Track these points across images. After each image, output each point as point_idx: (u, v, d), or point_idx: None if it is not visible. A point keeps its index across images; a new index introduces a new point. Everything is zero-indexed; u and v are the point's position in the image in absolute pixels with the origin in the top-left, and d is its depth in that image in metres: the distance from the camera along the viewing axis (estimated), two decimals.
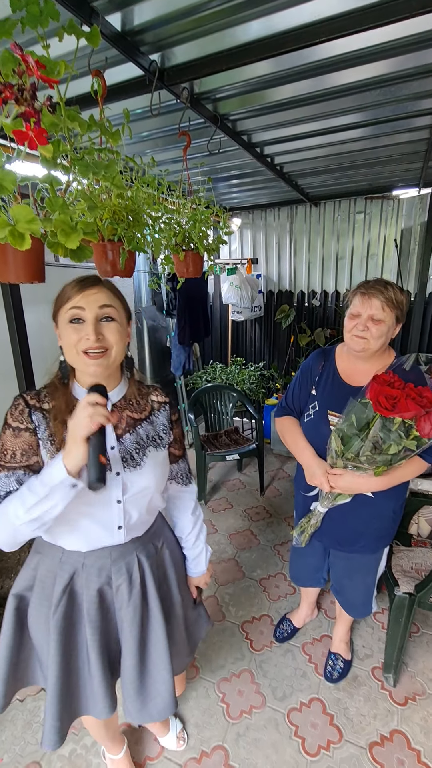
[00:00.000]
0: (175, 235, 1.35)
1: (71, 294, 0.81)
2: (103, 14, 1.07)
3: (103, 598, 0.94)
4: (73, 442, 0.73)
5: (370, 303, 1.16)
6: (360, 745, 1.43)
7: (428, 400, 0.95)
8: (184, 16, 1.10)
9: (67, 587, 0.92)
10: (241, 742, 1.44)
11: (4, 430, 0.84)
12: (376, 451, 1.04)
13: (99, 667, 0.94)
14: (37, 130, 0.55)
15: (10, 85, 0.52)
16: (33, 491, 0.76)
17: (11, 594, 0.96)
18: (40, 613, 0.94)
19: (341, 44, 1.23)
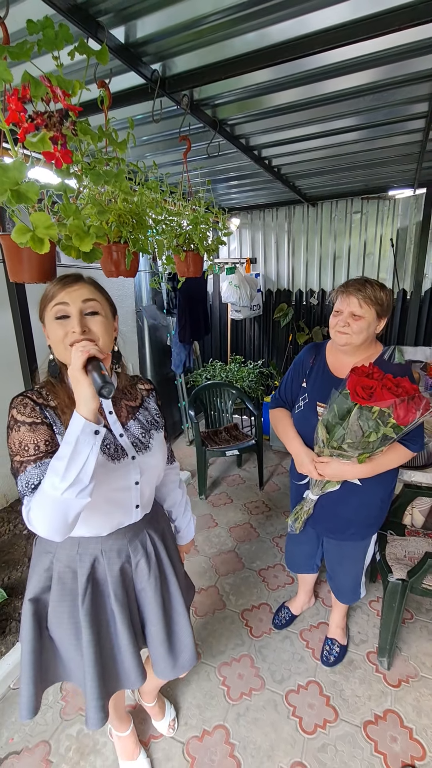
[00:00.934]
0: (177, 236, 1.41)
1: (55, 292, 0.84)
2: (108, 28, 1.13)
3: (124, 577, 1.01)
4: (75, 383, 0.73)
5: (348, 300, 1.24)
6: (355, 723, 1.49)
7: (404, 390, 1.02)
8: (184, 29, 1.16)
9: (90, 575, 0.96)
10: (241, 721, 1.51)
11: (17, 428, 0.83)
12: (358, 439, 1.11)
13: (128, 641, 1.01)
14: (63, 151, 0.61)
15: (41, 114, 0.57)
16: (60, 457, 0.74)
17: (27, 600, 0.97)
18: (62, 609, 0.97)
19: (335, 54, 1.29)
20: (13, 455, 0.83)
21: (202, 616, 1.97)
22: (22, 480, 0.80)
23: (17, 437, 0.82)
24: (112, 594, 0.99)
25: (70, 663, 1.03)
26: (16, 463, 0.82)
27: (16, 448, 0.82)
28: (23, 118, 0.57)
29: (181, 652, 1.12)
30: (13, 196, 0.59)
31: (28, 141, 0.61)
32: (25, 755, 1.41)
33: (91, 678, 0.97)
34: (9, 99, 0.57)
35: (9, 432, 0.84)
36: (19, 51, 0.67)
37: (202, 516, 2.77)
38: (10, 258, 0.84)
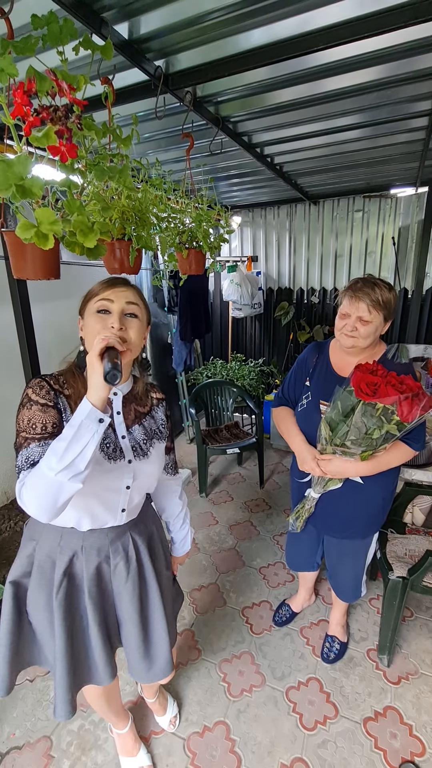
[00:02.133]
0: (179, 233, 1.41)
1: (102, 289, 0.89)
2: (111, 24, 1.13)
3: (101, 576, 1.01)
4: (90, 369, 0.76)
5: (357, 305, 1.23)
6: (355, 720, 1.50)
7: (408, 387, 1.02)
8: (188, 25, 1.16)
9: (68, 570, 0.97)
10: (241, 717, 1.52)
11: (30, 406, 0.85)
12: (361, 436, 1.11)
13: (99, 639, 1.01)
14: (68, 145, 0.61)
15: (47, 108, 0.58)
16: (61, 438, 0.74)
17: (8, 581, 1.00)
18: (39, 597, 0.98)
19: (338, 51, 1.29)
20: (19, 431, 0.84)
21: (203, 613, 1.97)
22: (23, 455, 0.82)
23: (27, 414, 0.85)
24: (86, 591, 0.99)
25: (45, 648, 1.04)
26: (20, 439, 0.84)
27: (24, 424, 0.84)
28: (28, 112, 0.57)
29: (156, 660, 1.10)
30: (17, 191, 0.59)
31: (33, 136, 0.61)
32: (27, 750, 1.42)
33: (60, 668, 0.98)
34: (14, 93, 0.57)
35: (20, 409, 0.86)
36: (24, 46, 0.67)
37: (203, 514, 2.78)
38: (13, 254, 0.84)
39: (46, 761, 1.39)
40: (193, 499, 2.95)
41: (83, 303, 0.93)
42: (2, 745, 1.44)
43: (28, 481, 0.77)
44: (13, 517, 2.53)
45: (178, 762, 1.39)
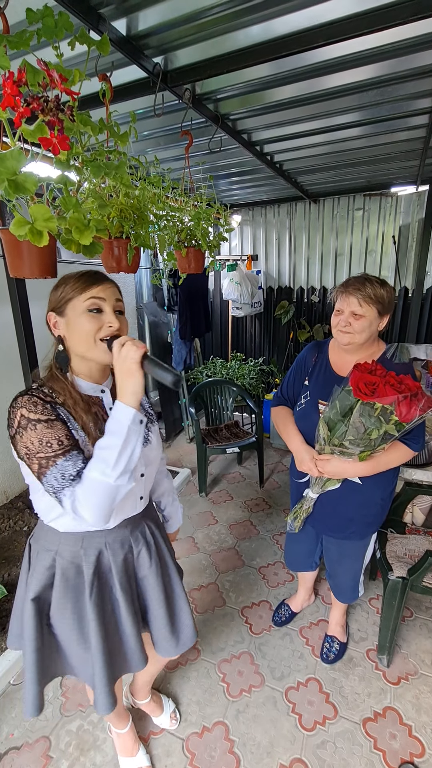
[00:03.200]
0: (178, 232, 1.40)
1: (87, 285, 0.86)
2: (109, 20, 1.11)
3: (127, 567, 1.04)
4: (128, 376, 0.79)
5: (348, 300, 1.23)
6: (354, 720, 1.49)
7: (407, 387, 1.01)
8: (187, 21, 1.15)
9: (96, 569, 0.98)
10: (240, 718, 1.51)
11: (33, 426, 0.80)
12: (359, 436, 1.10)
13: (132, 627, 1.05)
14: (60, 137, 0.60)
15: (37, 97, 0.57)
16: (109, 446, 0.77)
17: (29, 600, 0.97)
18: (65, 605, 0.98)
19: (338, 48, 1.27)
20: (33, 453, 0.80)
21: (202, 612, 1.97)
22: (54, 474, 0.79)
23: (35, 435, 0.80)
24: (117, 583, 1.01)
25: (72, 658, 1.04)
26: (40, 461, 0.80)
27: (38, 446, 0.80)
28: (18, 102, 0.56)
29: (182, 631, 1.17)
30: (10, 187, 0.58)
31: (25, 129, 0.60)
32: (25, 750, 1.42)
33: (99, 666, 1.00)
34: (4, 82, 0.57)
35: (22, 432, 0.80)
36: (19, 40, 0.66)
37: (202, 513, 2.77)
38: (9, 252, 0.83)
39: (45, 761, 1.38)
40: (193, 499, 2.94)
41: (63, 300, 0.87)
42: (1, 745, 1.44)
43: (80, 494, 0.77)
44: (12, 516, 2.52)
45: (177, 762, 1.38)
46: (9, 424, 0.84)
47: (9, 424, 0.84)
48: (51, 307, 0.90)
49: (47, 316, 0.90)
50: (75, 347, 0.89)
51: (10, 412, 0.84)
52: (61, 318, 0.89)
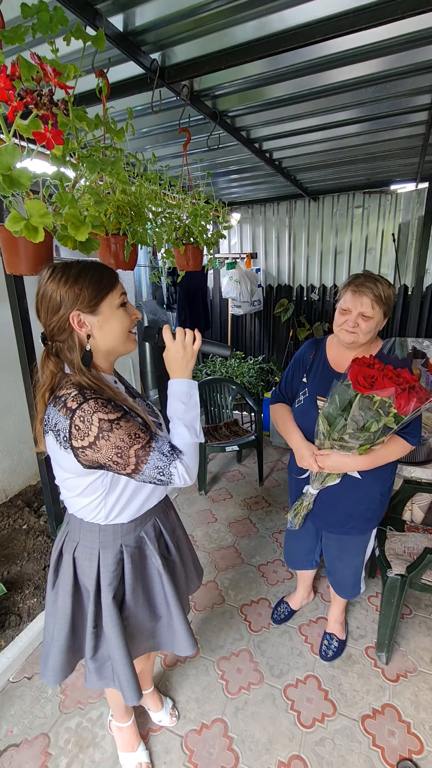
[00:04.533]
0: (176, 229, 1.40)
1: (115, 280, 0.89)
2: (106, 16, 1.11)
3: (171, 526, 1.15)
4: (192, 358, 0.96)
5: (360, 300, 1.21)
6: (353, 717, 1.50)
7: (405, 380, 1.02)
8: (184, 17, 1.14)
9: (157, 540, 1.08)
10: (239, 715, 1.51)
11: (117, 425, 0.82)
12: (359, 429, 1.10)
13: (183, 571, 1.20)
14: (54, 131, 0.60)
15: (31, 92, 0.56)
16: (191, 415, 0.94)
17: (111, 600, 1.00)
18: (138, 588, 1.05)
19: (336, 43, 1.27)
20: (127, 449, 0.83)
21: (202, 610, 1.97)
22: (157, 456, 0.86)
23: (123, 432, 0.83)
24: (170, 543, 1.13)
25: (145, 634, 1.12)
26: (137, 452, 0.84)
27: (128, 440, 0.83)
28: (12, 96, 0.56)
29: (197, 567, 1.33)
30: (5, 182, 0.58)
31: (20, 124, 0.60)
32: (24, 747, 1.42)
33: (177, 614, 1.10)
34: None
35: (107, 435, 0.81)
36: (13, 35, 0.66)
37: (202, 511, 2.77)
38: (6, 249, 0.83)
39: (44, 759, 1.39)
40: (193, 497, 2.95)
41: (101, 296, 0.85)
42: (0, 742, 1.44)
43: (188, 461, 0.90)
44: (12, 514, 2.52)
45: (176, 759, 1.39)
46: (79, 435, 0.81)
47: (80, 435, 0.80)
48: (78, 307, 0.83)
49: (70, 316, 0.83)
50: (107, 343, 0.89)
51: (76, 425, 0.80)
52: (92, 316, 0.85)
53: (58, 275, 0.82)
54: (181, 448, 0.91)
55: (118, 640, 1.01)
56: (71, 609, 1.04)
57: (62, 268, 0.82)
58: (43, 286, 0.83)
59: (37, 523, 2.46)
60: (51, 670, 1.07)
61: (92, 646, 1.05)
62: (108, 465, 0.85)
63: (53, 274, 0.82)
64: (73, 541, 1.03)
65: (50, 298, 0.82)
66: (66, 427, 0.81)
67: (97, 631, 1.04)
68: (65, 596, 1.03)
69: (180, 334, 0.94)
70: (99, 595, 1.01)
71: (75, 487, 0.92)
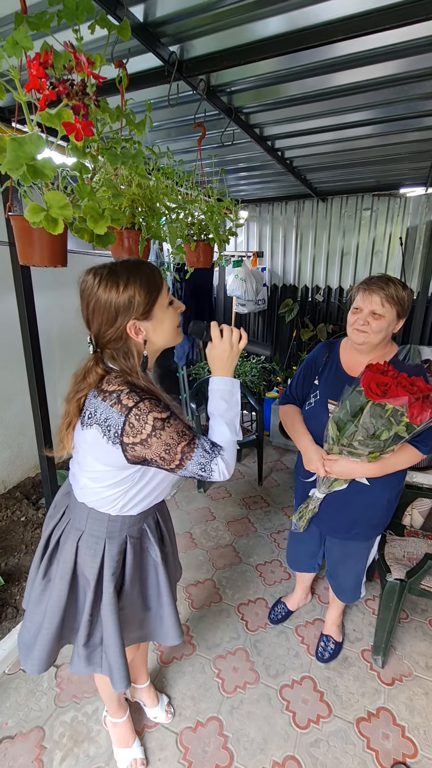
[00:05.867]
0: (189, 225, 1.39)
1: (162, 280, 0.90)
2: (127, 5, 1.09)
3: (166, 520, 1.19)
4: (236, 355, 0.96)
5: (371, 299, 1.21)
6: (348, 720, 1.50)
7: (419, 389, 1.01)
8: (204, 10, 1.12)
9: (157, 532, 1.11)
10: (234, 714, 1.51)
11: (168, 422, 0.85)
12: (369, 437, 1.10)
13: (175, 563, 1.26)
14: (84, 122, 0.58)
15: (63, 81, 0.55)
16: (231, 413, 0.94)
17: (112, 590, 1.01)
18: (135, 578, 1.07)
19: (357, 43, 1.25)
20: (175, 445, 0.86)
21: (198, 608, 1.97)
22: (200, 452, 0.88)
23: (173, 429, 0.85)
24: (167, 534, 1.17)
25: (135, 625, 1.14)
26: (184, 449, 0.87)
27: (177, 438, 0.86)
28: (44, 85, 0.54)
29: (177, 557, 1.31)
30: (29, 172, 0.57)
31: (46, 114, 0.59)
32: (19, 740, 1.42)
33: (168, 604, 1.12)
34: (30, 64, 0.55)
35: (159, 433, 0.84)
36: (39, 21, 0.64)
37: (201, 509, 2.77)
38: (20, 239, 0.82)
39: (38, 752, 1.39)
40: (192, 495, 2.94)
41: (154, 298, 0.86)
42: None
43: (228, 458, 0.91)
44: (10, 506, 2.52)
45: (171, 756, 1.39)
46: (132, 432, 0.83)
47: (133, 432, 0.83)
48: (135, 316, 0.85)
49: (127, 327, 0.85)
50: (160, 342, 0.93)
51: (130, 422, 0.82)
52: (147, 322, 0.88)
53: (106, 282, 0.81)
54: (222, 445, 0.93)
55: (114, 629, 1.02)
56: (67, 598, 1.03)
57: (109, 274, 0.82)
58: (94, 294, 0.82)
59: (35, 516, 2.45)
60: (37, 660, 1.06)
61: (86, 634, 1.05)
62: (154, 460, 0.87)
63: (101, 281, 0.81)
64: (77, 530, 1.02)
65: (104, 309, 0.83)
66: (120, 423, 0.82)
67: (92, 619, 1.04)
68: (62, 585, 1.03)
69: (227, 331, 0.95)
70: (99, 585, 1.01)
71: (105, 479, 0.92)
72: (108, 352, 0.90)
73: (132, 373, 0.88)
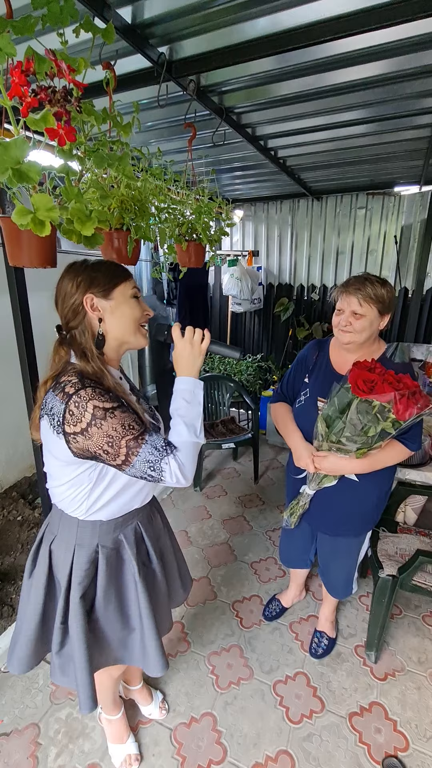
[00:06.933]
0: (179, 225, 1.39)
1: (129, 274, 0.92)
2: (114, 7, 1.10)
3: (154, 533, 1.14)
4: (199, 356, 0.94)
5: (349, 300, 1.24)
6: (341, 714, 1.52)
7: (405, 385, 1.02)
8: (193, 11, 1.13)
9: (136, 545, 1.06)
10: (228, 709, 1.53)
11: (111, 414, 0.82)
12: (357, 433, 1.11)
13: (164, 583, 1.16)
14: (66, 128, 0.59)
15: (45, 88, 0.56)
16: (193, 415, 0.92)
17: (78, 598, 0.98)
18: (110, 592, 1.02)
19: (345, 43, 1.26)
20: (119, 439, 0.82)
21: (193, 606, 1.98)
22: (149, 449, 0.85)
23: (116, 421, 0.82)
24: (153, 553, 1.11)
25: (114, 644, 1.09)
26: (129, 443, 0.83)
27: (122, 431, 0.83)
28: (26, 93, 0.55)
29: (184, 580, 1.32)
30: (14, 176, 0.57)
31: (30, 119, 0.59)
32: (14, 737, 1.43)
33: (149, 628, 1.06)
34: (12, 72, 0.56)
35: (100, 423, 0.81)
36: (23, 26, 0.65)
37: (196, 507, 2.78)
38: (9, 241, 0.83)
39: (34, 748, 1.40)
40: (187, 493, 2.96)
41: (113, 284, 0.89)
42: None
43: (183, 459, 0.88)
44: (6, 506, 2.53)
45: (165, 751, 1.40)
46: (72, 420, 0.81)
47: (73, 421, 0.81)
48: (93, 289, 0.87)
49: (84, 298, 0.87)
50: (117, 331, 0.92)
51: (70, 410, 0.81)
52: (105, 301, 0.89)
53: (76, 265, 0.90)
54: (177, 445, 0.89)
55: (80, 643, 0.99)
56: (43, 600, 1.03)
57: (80, 262, 0.91)
58: (65, 276, 0.90)
59: (31, 515, 2.46)
60: (17, 659, 1.06)
61: (59, 641, 1.04)
62: (98, 454, 0.84)
63: (73, 266, 0.90)
64: (51, 534, 1.03)
65: (68, 283, 0.89)
66: (60, 411, 0.82)
67: (64, 627, 1.03)
68: (39, 587, 1.03)
69: (189, 332, 0.94)
70: (68, 592, 1.00)
71: (62, 476, 0.92)
72: (71, 333, 0.92)
73: (86, 351, 0.88)
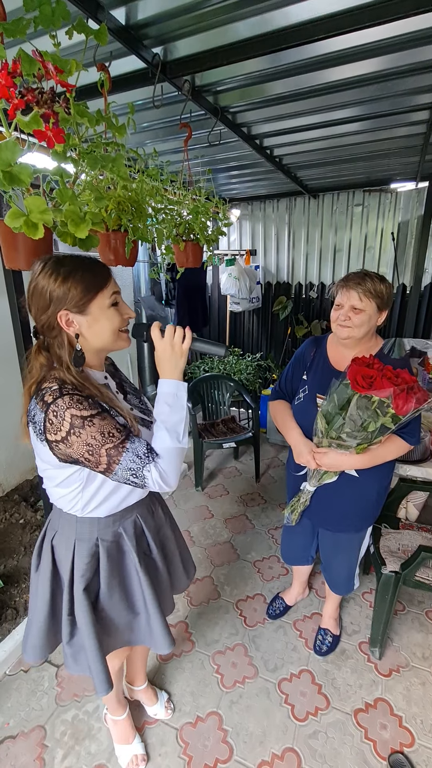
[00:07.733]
0: (176, 225, 1.39)
1: (105, 279, 0.85)
2: (108, 9, 1.10)
3: (155, 524, 1.14)
4: (181, 356, 0.90)
5: (349, 294, 1.25)
6: (346, 711, 1.52)
7: (403, 380, 1.02)
8: (186, 11, 1.14)
9: (135, 537, 1.06)
10: (234, 708, 1.53)
11: (90, 422, 0.81)
12: (356, 429, 1.11)
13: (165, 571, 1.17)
14: (55, 129, 0.59)
15: (32, 89, 0.56)
16: (177, 420, 0.88)
17: (81, 591, 0.99)
18: (113, 584, 1.04)
19: (339, 41, 1.27)
20: (98, 447, 0.81)
21: (197, 605, 1.98)
22: (130, 457, 0.84)
23: (95, 429, 0.81)
24: (153, 544, 1.11)
25: (122, 627, 1.11)
26: (109, 451, 0.82)
27: (101, 438, 0.82)
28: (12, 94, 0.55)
29: (187, 567, 1.34)
30: (5, 178, 0.58)
31: (20, 120, 0.60)
32: (21, 739, 1.43)
33: (154, 611, 1.08)
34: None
35: (78, 432, 0.80)
36: (15, 28, 0.65)
37: (198, 507, 2.78)
38: (5, 244, 0.83)
39: (40, 750, 1.40)
40: (189, 493, 2.96)
41: (90, 296, 0.83)
42: None
43: (164, 465, 0.86)
44: (8, 509, 2.53)
45: (171, 751, 1.40)
46: (52, 429, 0.81)
47: (53, 429, 0.81)
48: (66, 306, 0.82)
49: (57, 316, 0.82)
50: (97, 342, 0.89)
51: (49, 419, 0.81)
52: (81, 316, 0.84)
53: (48, 271, 0.81)
54: (159, 452, 0.87)
55: (89, 631, 1.01)
56: (50, 593, 1.05)
57: (54, 264, 0.81)
58: (34, 280, 0.82)
59: (33, 518, 2.46)
60: (31, 648, 1.09)
61: (68, 632, 1.05)
62: (81, 461, 0.84)
63: (44, 269, 0.81)
64: (53, 529, 1.05)
65: (40, 295, 0.81)
66: (41, 420, 0.82)
67: (72, 618, 1.04)
68: (44, 581, 1.04)
69: (169, 332, 0.89)
70: (73, 584, 1.02)
71: (53, 477, 0.93)
72: (48, 341, 0.88)
73: (62, 365, 0.86)
